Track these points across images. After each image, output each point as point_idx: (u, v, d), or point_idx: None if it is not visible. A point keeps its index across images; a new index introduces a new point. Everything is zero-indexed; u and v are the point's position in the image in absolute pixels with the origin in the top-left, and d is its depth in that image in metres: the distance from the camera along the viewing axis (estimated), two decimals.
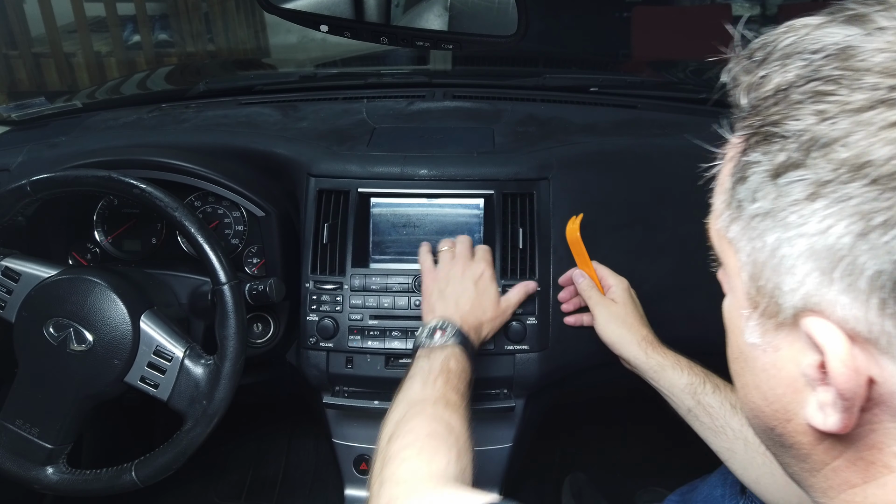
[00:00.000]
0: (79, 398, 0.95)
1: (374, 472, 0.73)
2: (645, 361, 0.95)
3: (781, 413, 0.46)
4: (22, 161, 1.19)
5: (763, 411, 0.47)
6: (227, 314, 0.92)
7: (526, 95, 1.42)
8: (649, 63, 2.26)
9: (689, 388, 0.90)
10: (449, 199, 1.11)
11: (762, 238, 0.43)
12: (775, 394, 0.45)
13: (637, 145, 1.19)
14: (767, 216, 0.42)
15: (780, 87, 0.42)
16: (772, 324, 0.44)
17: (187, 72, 2.35)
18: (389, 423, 0.79)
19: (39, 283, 0.96)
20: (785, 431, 0.46)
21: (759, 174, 0.42)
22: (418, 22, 1.12)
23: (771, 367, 0.45)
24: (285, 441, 1.75)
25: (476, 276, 1.00)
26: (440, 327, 0.93)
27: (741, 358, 0.48)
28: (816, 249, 0.39)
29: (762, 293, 0.44)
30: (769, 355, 0.45)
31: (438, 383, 0.83)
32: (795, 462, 0.48)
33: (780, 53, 0.43)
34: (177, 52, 3.51)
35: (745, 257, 0.45)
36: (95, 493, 0.94)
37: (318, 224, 1.10)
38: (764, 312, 0.44)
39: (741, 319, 0.46)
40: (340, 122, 1.27)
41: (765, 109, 0.43)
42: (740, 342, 0.48)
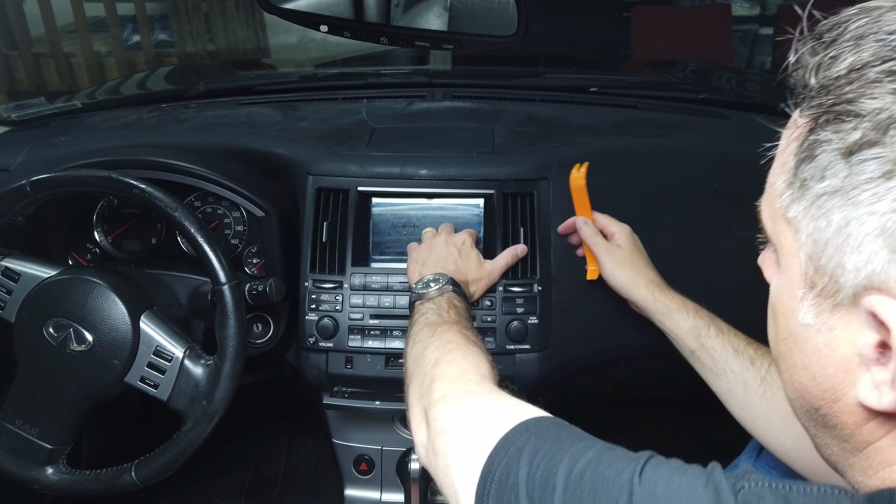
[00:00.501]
0: (78, 398, 0.95)
1: (415, 376, 0.75)
2: (653, 303, 0.96)
3: (830, 393, 0.46)
4: (22, 161, 1.19)
5: (811, 392, 0.48)
6: (227, 314, 0.92)
7: (526, 95, 1.42)
8: (649, 63, 2.26)
9: (693, 331, 0.91)
10: (449, 199, 1.11)
11: (827, 217, 0.43)
12: (825, 374, 0.46)
13: (637, 145, 1.19)
14: (836, 194, 0.42)
15: (854, 66, 0.42)
16: (828, 304, 0.44)
17: (187, 72, 2.35)
18: (417, 339, 0.81)
19: (39, 283, 0.96)
20: (831, 412, 0.47)
21: (829, 152, 0.42)
22: (418, 22, 1.12)
23: (824, 348, 0.45)
24: (285, 441, 1.75)
25: (458, 243, 1.04)
26: (432, 280, 0.95)
27: (790, 339, 0.49)
28: (888, 227, 0.40)
29: (821, 273, 0.44)
30: (823, 335, 0.45)
31: (451, 314, 0.87)
32: (836, 443, 0.48)
33: (852, 35, 0.43)
34: (177, 52, 3.51)
35: (805, 237, 0.45)
36: (95, 494, 0.94)
37: (317, 223, 1.10)
38: (821, 292, 0.44)
39: (794, 300, 0.47)
40: (340, 122, 1.27)
41: (837, 88, 0.43)
42: (791, 322, 0.48)
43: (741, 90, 1.82)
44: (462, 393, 0.68)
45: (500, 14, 0.94)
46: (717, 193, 1.14)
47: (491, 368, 0.75)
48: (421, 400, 0.71)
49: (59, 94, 2.89)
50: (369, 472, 1.16)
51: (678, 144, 1.21)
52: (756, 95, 1.78)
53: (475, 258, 1.04)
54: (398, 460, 1.11)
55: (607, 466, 0.50)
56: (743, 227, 1.15)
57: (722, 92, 1.72)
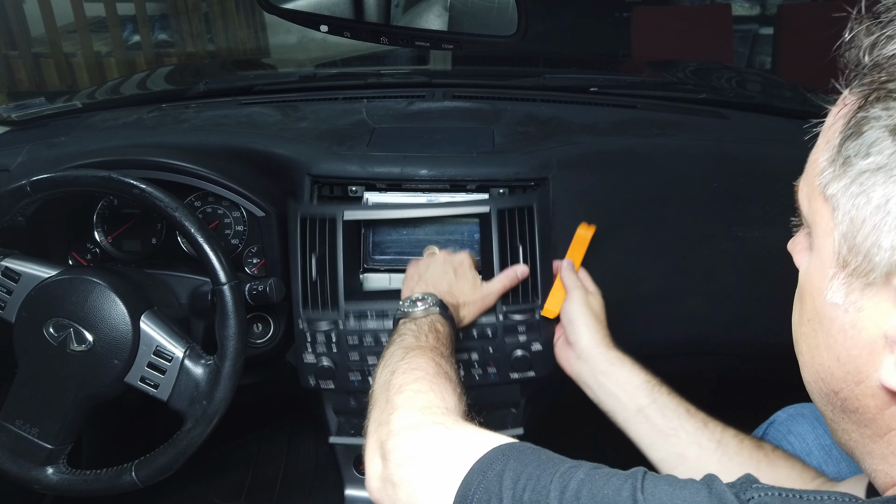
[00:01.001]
0: (79, 398, 0.94)
1: (377, 402, 0.70)
2: (603, 353, 0.92)
3: (853, 375, 0.46)
4: (22, 161, 1.19)
5: (832, 373, 0.48)
6: (227, 314, 0.92)
7: (526, 95, 1.42)
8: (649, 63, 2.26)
9: (645, 386, 0.87)
10: (449, 199, 1.11)
11: (867, 194, 0.43)
12: (850, 355, 0.46)
13: (637, 145, 1.19)
14: (879, 171, 0.42)
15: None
16: (860, 283, 0.44)
17: (187, 72, 2.35)
18: (388, 365, 0.76)
19: (39, 283, 0.96)
20: (852, 395, 0.47)
21: (876, 129, 0.43)
22: (418, 22, 1.12)
23: (850, 328, 0.45)
24: (285, 441, 1.75)
25: (455, 263, 1.01)
26: (420, 298, 0.91)
27: (816, 319, 0.49)
28: None
29: (855, 251, 0.44)
30: (850, 315, 0.45)
31: (430, 338, 0.82)
32: (856, 428, 0.48)
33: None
34: (177, 52, 3.51)
35: (842, 215, 0.45)
36: (95, 494, 0.94)
37: (305, 257, 1.05)
38: (854, 272, 0.44)
39: (824, 280, 0.47)
40: (340, 122, 1.27)
41: (890, 66, 0.43)
42: (818, 302, 0.48)
43: (741, 90, 1.82)
44: (427, 423, 0.64)
45: (500, 14, 0.94)
46: (717, 193, 1.14)
47: (458, 401, 0.71)
48: (378, 430, 0.67)
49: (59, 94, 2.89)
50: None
51: (678, 144, 1.21)
52: (756, 95, 1.78)
53: (471, 280, 1.01)
54: None
55: (603, 485, 0.49)
56: (743, 227, 1.16)
57: (722, 92, 1.71)
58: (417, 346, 0.79)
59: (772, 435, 0.95)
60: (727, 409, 0.89)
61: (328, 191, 1.13)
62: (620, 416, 0.88)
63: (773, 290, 1.11)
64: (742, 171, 1.16)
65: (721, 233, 1.12)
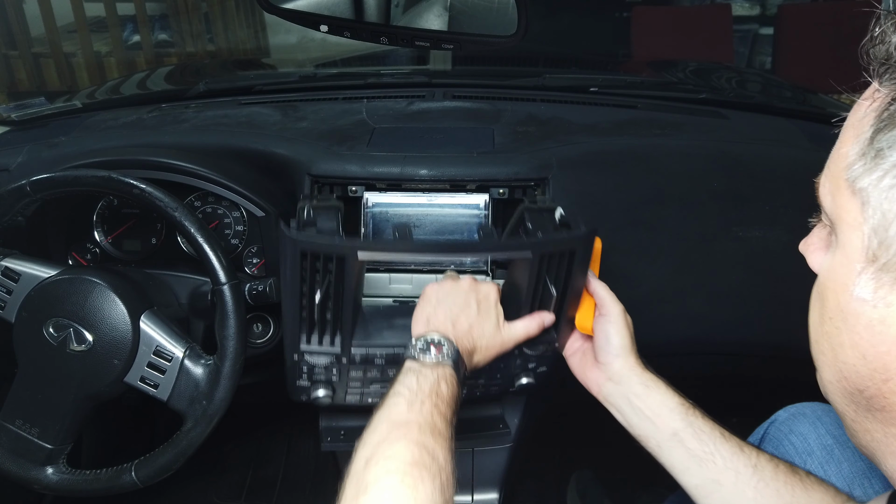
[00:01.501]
0: (79, 398, 0.95)
1: (347, 498, 0.65)
2: (638, 375, 0.86)
3: (880, 372, 0.46)
4: (22, 161, 1.19)
5: (858, 371, 0.48)
6: (227, 314, 0.92)
7: (526, 95, 1.42)
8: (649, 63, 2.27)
9: (680, 409, 0.83)
10: (449, 200, 1.11)
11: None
12: (877, 351, 0.46)
13: (637, 145, 1.19)
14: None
15: None
16: (889, 277, 0.44)
17: (187, 72, 2.35)
18: (367, 444, 0.69)
19: (39, 283, 0.96)
20: (879, 392, 0.47)
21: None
22: (418, 22, 1.12)
23: (878, 324, 0.45)
24: (285, 441, 1.75)
25: (480, 295, 0.89)
26: (437, 343, 0.82)
27: (839, 317, 0.48)
28: None
29: (886, 245, 0.44)
30: (879, 311, 0.45)
31: (426, 406, 0.73)
32: (881, 427, 0.48)
33: None
34: (177, 52, 3.51)
35: (873, 209, 0.45)
36: (95, 494, 0.94)
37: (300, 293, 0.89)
38: (884, 266, 0.44)
39: (851, 275, 0.47)
40: (340, 122, 1.27)
41: None
42: (843, 299, 0.48)
43: (741, 90, 1.82)
44: None
45: (500, 14, 0.94)
46: (717, 193, 1.14)
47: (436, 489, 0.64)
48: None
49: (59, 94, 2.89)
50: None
51: (678, 144, 1.21)
52: (756, 95, 1.78)
53: (494, 319, 0.89)
54: None
55: None
56: (743, 227, 1.16)
57: (722, 92, 1.72)
58: (404, 424, 0.70)
59: (773, 434, 0.94)
60: (727, 408, 0.89)
61: (328, 190, 1.13)
62: (653, 441, 0.84)
63: (772, 290, 1.12)
64: (742, 171, 1.16)
65: (721, 233, 1.12)
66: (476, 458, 1.15)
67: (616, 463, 1.60)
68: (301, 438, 1.75)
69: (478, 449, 1.14)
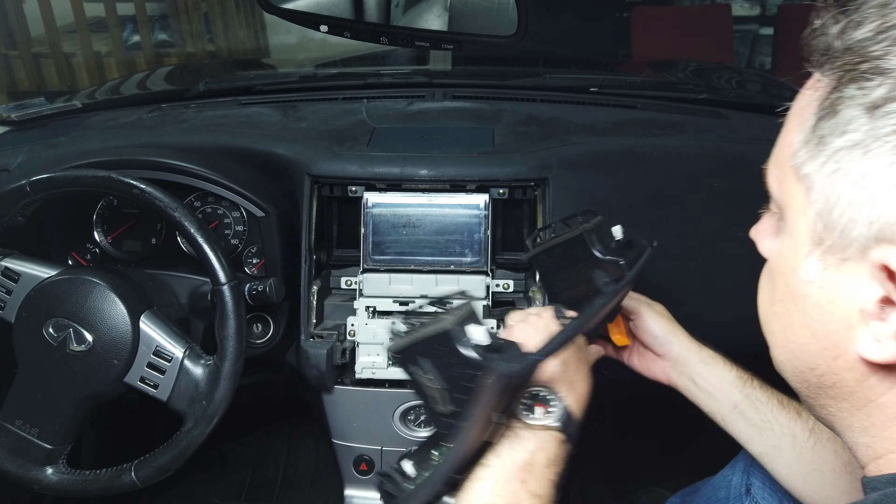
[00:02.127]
0: (78, 398, 0.94)
1: None
2: (697, 352, 0.89)
3: (830, 349, 0.48)
4: (22, 161, 1.19)
5: (808, 350, 0.49)
6: (227, 314, 0.92)
7: (526, 95, 1.42)
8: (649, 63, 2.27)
9: (738, 382, 0.86)
10: (449, 200, 1.11)
11: (844, 171, 0.44)
12: (826, 330, 0.47)
13: (637, 145, 1.19)
14: (855, 148, 0.44)
15: (881, 28, 0.44)
16: (835, 259, 0.45)
17: (187, 72, 2.35)
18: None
19: (39, 283, 0.96)
20: (829, 370, 0.48)
21: (852, 108, 0.44)
22: (418, 22, 1.12)
23: (826, 304, 0.47)
24: (285, 441, 1.75)
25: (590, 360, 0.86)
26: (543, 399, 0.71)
27: (789, 297, 0.50)
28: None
29: (831, 228, 0.45)
30: (825, 291, 0.47)
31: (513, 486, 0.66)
32: (834, 403, 0.50)
33: (877, 2, 0.45)
34: (176, 52, 3.51)
35: (817, 194, 0.46)
36: (95, 494, 0.94)
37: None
38: (829, 248, 0.46)
39: (798, 258, 0.48)
40: (340, 122, 1.27)
41: (862, 49, 0.44)
42: (791, 281, 0.49)
43: (741, 90, 1.82)
44: None
45: (500, 14, 0.94)
46: (717, 193, 1.14)
47: None
48: None
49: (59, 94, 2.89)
50: (369, 472, 1.16)
51: (678, 144, 1.21)
52: (756, 95, 1.78)
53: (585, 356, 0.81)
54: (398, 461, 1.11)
55: None
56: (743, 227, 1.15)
57: (722, 92, 1.72)
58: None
59: None
60: None
61: (328, 190, 1.13)
62: (719, 415, 0.87)
63: None
64: (742, 171, 1.16)
65: (721, 233, 1.12)
66: None
67: (619, 462, 1.60)
68: (301, 438, 1.75)
69: None
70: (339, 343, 1.10)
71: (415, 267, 1.11)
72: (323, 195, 1.14)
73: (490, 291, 1.10)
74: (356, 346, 1.07)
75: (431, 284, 1.10)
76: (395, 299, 1.10)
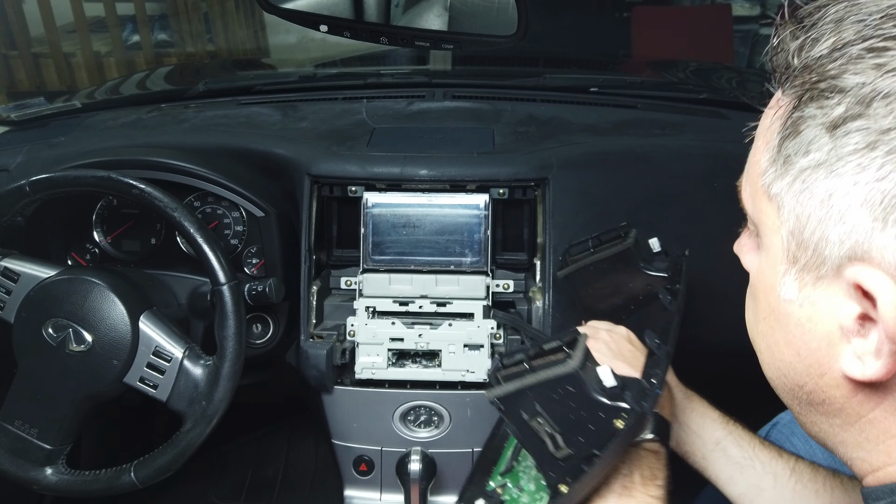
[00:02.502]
0: (78, 399, 0.94)
1: None
2: (683, 391, 0.86)
3: (815, 367, 0.47)
4: (21, 161, 1.19)
5: (794, 368, 0.49)
6: (227, 315, 0.92)
7: (526, 95, 1.42)
8: (649, 63, 2.26)
9: (721, 419, 0.84)
10: (449, 200, 1.11)
11: (811, 190, 0.44)
12: (809, 348, 0.47)
13: (637, 145, 1.19)
14: (820, 167, 0.43)
15: (837, 45, 0.43)
16: (811, 277, 0.45)
17: (186, 72, 2.35)
18: None
19: (38, 283, 0.96)
20: (817, 387, 0.48)
21: (813, 127, 0.44)
22: (418, 22, 1.12)
23: (807, 322, 0.46)
24: (285, 441, 1.75)
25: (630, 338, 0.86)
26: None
27: (772, 316, 0.50)
28: (871, 197, 0.41)
29: (804, 247, 0.45)
30: (805, 309, 0.46)
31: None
32: (825, 419, 0.49)
33: (832, 18, 0.44)
34: (176, 52, 3.51)
35: (788, 213, 0.46)
36: (94, 494, 0.94)
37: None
38: (804, 267, 0.45)
39: (776, 277, 0.48)
40: (340, 122, 1.27)
41: (819, 67, 0.44)
42: (772, 300, 0.49)
43: (741, 90, 1.82)
44: None
45: (500, 14, 0.94)
46: (717, 193, 1.14)
47: None
48: None
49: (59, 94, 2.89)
50: (369, 472, 1.16)
51: (678, 144, 1.21)
52: (756, 95, 1.77)
53: None
54: (398, 461, 1.11)
55: None
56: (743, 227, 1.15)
57: (722, 92, 1.71)
58: None
59: (775, 436, 0.94)
60: (729, 409, 0.89)
61: (328, 191, 1.13)
62: (699, 454, 0.83)
63: None
64: (742, 171, 1.16)
65: (721, 233, 1.12)
66: (476, 458, 1.15)
67: None
68: (301, 438, 1.75)
69: (477, 449, 1.14)
70: (338, 343, 1.10)
71: (415, 267, 1.11)
72: (323, 195, 1.14)
73: (490, 292, 1.10)
74: (356, 346, 1.07)
75: (431, 284, 1.10)
76: (395, 299, 1.10)
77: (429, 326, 1.07)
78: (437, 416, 1.11)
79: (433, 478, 1.09)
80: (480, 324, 1.07)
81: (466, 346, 1.06)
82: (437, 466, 1.10)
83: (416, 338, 1.06)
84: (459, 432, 1.11)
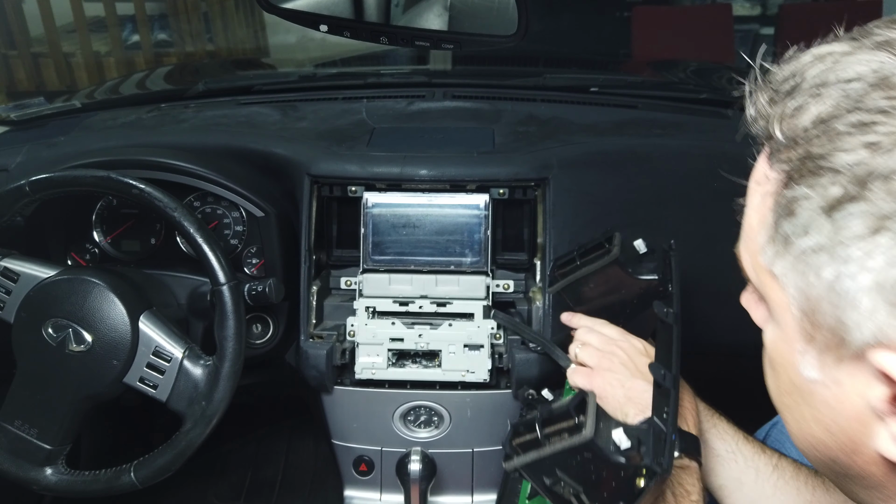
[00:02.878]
0: (78, 399, 0.94)
1: None
2: None
3: (848, 445, 0.45)
4: (21, 161, 1.19)
5: (826, 444, 0.46)
6: (227, 315, 0.92)
7: (526, 95, 1.42)
8: (649, 63, 2.26)
9: (706, 412, 0.85)
10: (449, 200, 1.11)
11: (817, 272, 0.41)
12: (839, 427, 0.44)
13: (637, 145, 1.19)
14: (822, 251, 0.41)
15: (820, 118, 0.41)
16: (832, 358, 0.43)
17: (186, 72, 2.35)
18: None
19: (38, 283, 0.96)
20: (853, 463, 0.45)
21: (809, 209, 0.41)
22: (418, 22, 1.12)
23: (833, 401, 0.44)
24: (285, 442, 1.75)
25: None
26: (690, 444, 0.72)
27: (796, 392, 0.47)
28: (884, 282, 0.38)
29: (819, 328, 0.43)
30: (830, 390, 0.44)
31: None
32: (864, 491, 0.47)
33: (811, 83, 0.42)
34: (176, 51, 3.51)
35: (795, 292, 0.43)
36: (94, 494, 0.93)
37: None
38: (824, 348, 0.43)
39: (794, 354, 0.45)
40: (340, 122, 1.27)
41: (806, 142, 0.42)
42: (794, 376, 0.46)
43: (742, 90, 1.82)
44: None
45: (501, 14, 0.94)
46: (718, 193, 1.13)
47: None
48: None
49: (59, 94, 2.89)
50: (369, 472, 1.16)
51: (679, 144, 1.21)
52: None
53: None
54: (398, 461, 1.11)
55: None
56: None
57: (723, 92, 1.71)
58: None
59: (774, 437, 0.94)
60: (728, 409, 0.89)
61: (328, 190, 1.13)
62: None
63: None
64: (742, 171, 1.16)
65: (722, 233, 1.12)
66: (476, 458, 1.15)
67: None
68: (301, 439, 1.75)
69: (477, 449, 1.14)
70: (338, 343, 1.10)
71: (415, 267, 1.11)
72: (323, 195, 1.14)
73: (490, 292, 1.10)
74: (356, 346, 1.07)
75: (431, 285, 1.10)
76: (395, 299, 1.10)
77: (429, 326, 1.07)
78: (437, 416, 1.11)
79: (433, 478, 1.09)
80: (480, 324, 1.07)
81: (466, 346, 1.06)
82: (437, 466, 1.10)
83: (416, 338, 1.06)
84: (459, 432, 1.11)
